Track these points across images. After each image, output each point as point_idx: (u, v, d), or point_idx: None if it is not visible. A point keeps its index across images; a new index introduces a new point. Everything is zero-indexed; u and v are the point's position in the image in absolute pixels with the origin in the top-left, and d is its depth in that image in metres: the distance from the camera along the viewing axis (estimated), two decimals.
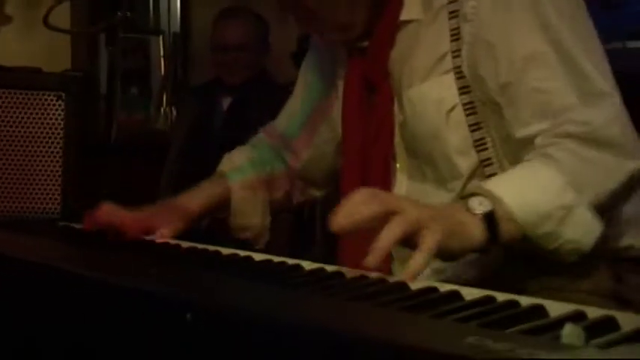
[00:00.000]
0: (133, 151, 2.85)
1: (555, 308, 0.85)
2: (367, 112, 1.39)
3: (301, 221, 2.74)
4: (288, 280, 1.01)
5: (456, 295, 0.91)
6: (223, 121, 2.90)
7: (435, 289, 0.94)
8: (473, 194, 1.12)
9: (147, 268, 1.09)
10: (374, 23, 1.34)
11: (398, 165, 1.38)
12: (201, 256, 1.22)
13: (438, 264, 1.20)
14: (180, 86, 3.24)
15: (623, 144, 1.19)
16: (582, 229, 1.15)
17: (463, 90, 1.28)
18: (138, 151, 2.98)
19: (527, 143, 1.21)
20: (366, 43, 1.36)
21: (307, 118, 1.61)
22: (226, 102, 2.95)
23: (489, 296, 0.89)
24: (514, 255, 1.23)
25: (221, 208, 1.59)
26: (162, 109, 3.09)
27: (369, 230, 1.03)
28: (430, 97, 1.29)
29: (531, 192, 1.14)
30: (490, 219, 1.10)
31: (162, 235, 1.41)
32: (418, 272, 0.99)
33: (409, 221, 1.01)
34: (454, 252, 1.08)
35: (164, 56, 3.21)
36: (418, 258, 1.00)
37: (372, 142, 1.37)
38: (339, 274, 1.03)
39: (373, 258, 0.99)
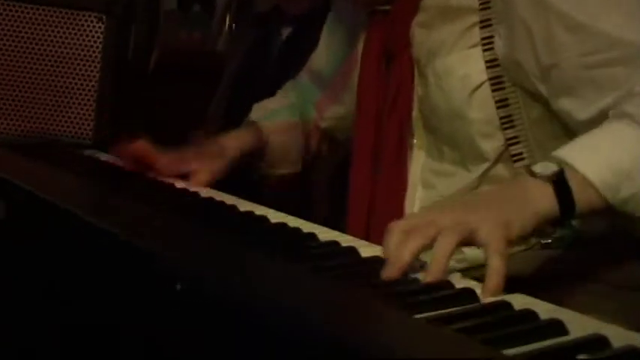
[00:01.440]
0: (182, 74, 2.78)
1: (576, 325, 0.76)
2: (385, 81, 1.29)
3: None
4: (299, 253, 0.95)
5: (470, 295, 0.84)
6: (280, 53, 2.82)
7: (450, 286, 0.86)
8: (537, 164, 1.01)
9: (152, 218, 1.05)
10: None
11: (415, 141, 1.28)
12: (213, 212, 1.16)
13: None
14: (243, 9, 3.15)
15: None
16: None
17: (491, 63, 1.17)
18: (190, 74, 2.92)
19: (593, 122, 1.08)
20: (388, 7, 1.27)
21: (329, 81, 1.54)
22: (286, 32, 2.86)
23: (505, 302, 0.81)
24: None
25: (257, 154, 1.53)
26: (224, 30, 3.00)
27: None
28: (456, 72, 1.19)
29: (606, 150, 1.01)
30: (560, 181, 0.97)
31: (198, 181, 1.37)
32: (501, 280, 0.87)
33: (457, 231, 0.90)
34: (525, 233, 0.96)
35: None
36: (495, 264, 0.87)
37: (387, 114, 1.28)
38: (351, 251, 0.96)
39: (432, 276, 0.88)
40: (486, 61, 1.17)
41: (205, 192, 1.28)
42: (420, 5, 1.24)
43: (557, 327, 0.75)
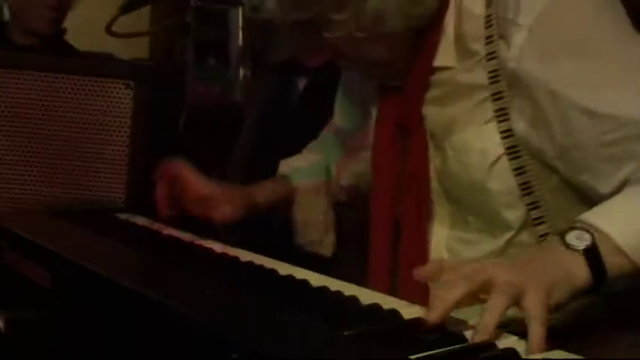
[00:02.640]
0: (205, 128, 2.83)
1: None
2: (400, 156, 1.32)
3: None
4: (343, 319, 0.96)
5: (513, 356, 0.86)
6: (298, 103, 2.85)
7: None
8: (570, 229, 1.04)
9: (203, 287, 1.08)
10: (410, 64, 1.26)
11: (437, 213, 1.31)
12: (256, 277, 1.19)
13: None
14: (258, 60, 3.20)
15: None
16: None
17: (505, 134, 1.19)
18: (210, 126, 2.96)
19: (614, 192, 1.12)
20: (398, 83, 1.29)
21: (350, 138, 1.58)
22: (302, 83, 2.90)
23: None
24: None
25: (283, 205, 1.57)
26: (239, 80, 3.05)
27: None
28: (473, 147, 1.22)
29: (631, 215, 1.05)
30: (593, 254, 1.01)
31: (223, 213, 1.41)
32: (543, 345, 0.90)
33: (509, 293, 0.93)
34: (562, 301, 0.99)
35: (243, 27, 3.16)
36: (536, 331, 0.90)
37: (406, 189, 1.30)
38: (394, 314, 0.98)
39: (481, 335, 0.90)
40: (501, 132, 1.19)
41: (244, 255, 1.30)
42: (432, 81, 1.25)
43: None
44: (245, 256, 1.30)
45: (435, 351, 0.86)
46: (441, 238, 1.30)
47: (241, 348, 0.84)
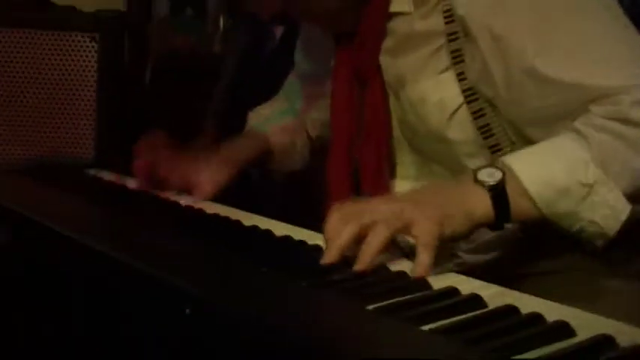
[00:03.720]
0: (181, 78, 2.78)
1: (584, 323, 0.77)
2: (357, 107, 1.29)
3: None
4: (305, 270, 0.95)
5: (476, 302, 0.84)
6: (275, 50, 2.82)
7: (455, 292, 0.87)
8: (487, 165, 1.03)
9: (162, 241, 1.04)
10: (361, 11, 1.23)
11: (400, 163, 1.29)
12: (220, 230, 1.16)
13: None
14: (235, 10, 3.16)
15: None
16: (605, 211, 1.02)
17: (462, 76, 1.17)
18: (188, 77, 2.92)
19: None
20: (353, 31, 1.26)
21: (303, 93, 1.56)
22: (279, 31, 2.86)
23: (512, 307, 0.82)
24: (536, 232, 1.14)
25: (262, 159, 1.55)
26: (218, 32, 3.01)
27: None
28: (430, 99, 1.20)
29: (549, 165, 1.03)
30: (498, 191, 1.01)
31: (202, 193, 1.37)
32: (427, 270, 0.93)
33: (392, 224, 0.94)
34: (457, 234, 1.00)
35: None
36: (421, 258, 0.93)
37: (364, 141, 1.27)
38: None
39: (360, 266, 0.93)
40: (458, 74, 1.17)
41: (210, 207, 1.28)
42: (387, 29, 1.22)
43: (564, 330, 0.76)
44: (211, 208, 1.27)
45: (396, 300, 0.84)
46: (404, 190, 1.27)
47: (194, 302, 0.81)
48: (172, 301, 0.84)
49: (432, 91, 1.19)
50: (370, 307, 0.81)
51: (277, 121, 1.57)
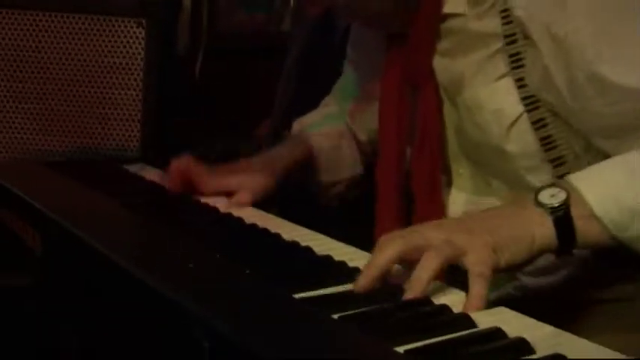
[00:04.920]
0: (246, 56, 2.75)
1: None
2: (409, 113, 1.24)
3: None
4: (336, 298, 0.90)
5: (522, 347, 0.78)
6: (343, 35, 2.78)
7: (500, 334, 0.80)
8: (549, 185, 0.98)
9: (186, 257, 1.02)
10: (416, 12, 1.18)
11: (456, 176, 1.24)
12: (254, 243, 1.13)
13: None
14: None
15: None
16: None
17: (521, 83, 1.12)
18: (254, 55, 2.90)
19: None
20: (405, 31, 1.21)
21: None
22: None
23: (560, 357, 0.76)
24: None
25: (305, 167, 1.50)
26: (288, 10, 2.98)
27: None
28: (487, 106, 1.15)
29: (619, 184, 0.97)
30: (562, 214, 0.95)
31: (238, 201, 1.34)
32: (480, 304, 0.87)
33: (443, 252, 0.89)
34: (514, 263, 0.94)
35: None
36: (474, 290, 0.88)
37: (417, 151, 1.23)
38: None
39: (412, 293, 0.88)
40: (517, 80, 1.12)
41: (250, 215, 1.24)
42: (441, 31, 1.18)
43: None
44: (252, 216, 1.24)
45: (364, 309, 0.85)
46: (459, 204, 1.24)
47: (214, 336, 0.78)
48: (190, 331, 0.81)
49: (488, 99, 1.15)
50: (401, 348, 0.76)
51: (321, 127, 1.52)
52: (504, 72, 1.13)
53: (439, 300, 0.89)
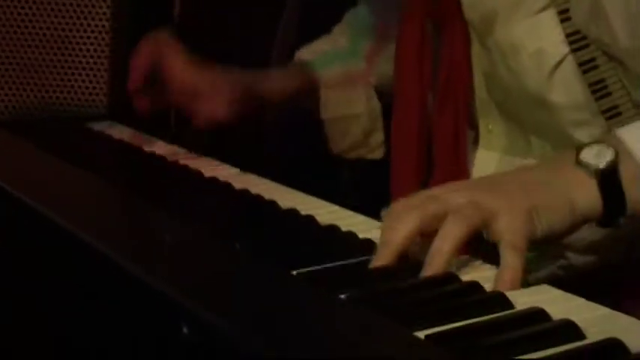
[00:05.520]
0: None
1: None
2: (431, 58, 1.16)
3: None
4: (345, 275, 0.83)
5: (570, 330, 0.70)
6: None
7: (542, 315, 0.72)
8: (594, 142, 0.89)
9: (162, 229, 0.95)
10: None
11: (486, 132, 1.16)
12: (246, 213, 1.06)
13: None
14: None
15: None
16: None
17: (565, 15, 1.03)
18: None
19: None
20: None
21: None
22: None
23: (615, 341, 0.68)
24: None
25: (302, 97, 1.41)
26: None
27: None
28: (525, 48, 1.06)
29: None
30: (610, 176, 0.86)
31: (211, 110, 1.26)
32: (515, 281, 0.78)
33: (468, 217, 0.80)
34: (553, 233, 0.85)
35: None
36: (507, 260, 0.79)
37: (440, 101, 1.14)
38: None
39: (432, 269, 0.80)
40: (560, 12, 1.03)
41: (240, 180, 1.16)
42: None
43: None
44: (243, 180, 1.16)
45: (376, 287, 0.79)
46: (488, 166, 1.15)
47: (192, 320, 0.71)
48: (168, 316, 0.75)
49: (527, 38, 1.06)
50: (423, 333, 0.68)
51: (336, 60, 1.42)
52: (546, 2, 1.04)
53: (467, 276, 0.80)
